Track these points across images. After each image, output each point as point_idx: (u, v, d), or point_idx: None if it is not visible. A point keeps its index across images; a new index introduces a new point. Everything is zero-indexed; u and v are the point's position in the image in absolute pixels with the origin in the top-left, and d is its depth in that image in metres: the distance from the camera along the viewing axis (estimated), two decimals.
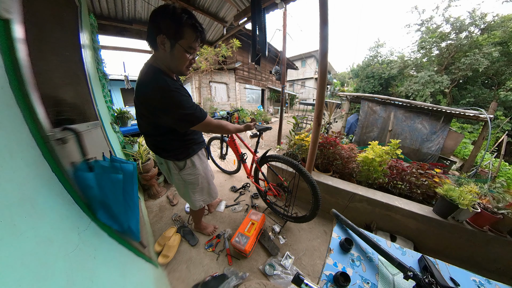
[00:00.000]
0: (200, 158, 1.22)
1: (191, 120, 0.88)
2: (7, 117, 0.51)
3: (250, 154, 1.91)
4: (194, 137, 1.15)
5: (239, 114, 8.92)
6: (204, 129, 0.96)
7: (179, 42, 0.79)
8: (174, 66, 0.88)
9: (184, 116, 0.86)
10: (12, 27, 0.56)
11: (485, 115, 4.14)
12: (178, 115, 0.85)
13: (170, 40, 0.77)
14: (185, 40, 0.79)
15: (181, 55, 0.82)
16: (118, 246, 0.92)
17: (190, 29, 0.78)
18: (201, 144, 1.24)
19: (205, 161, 1.29)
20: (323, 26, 1.41)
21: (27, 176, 0.53)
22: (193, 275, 1.34)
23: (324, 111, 4.55)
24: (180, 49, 0.80)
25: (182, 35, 0.78)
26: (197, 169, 1.19)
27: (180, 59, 0.84)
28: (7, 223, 0.42)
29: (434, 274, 0.66)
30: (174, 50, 0.80)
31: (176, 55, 0.82)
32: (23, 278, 0.41)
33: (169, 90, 0.80)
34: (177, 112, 0.84)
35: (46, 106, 0.67)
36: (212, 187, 1.37)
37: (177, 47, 0.79)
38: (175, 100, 0.82)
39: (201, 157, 1.24)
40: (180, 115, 0.85)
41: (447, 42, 11.76)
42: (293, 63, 15.53)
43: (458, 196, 1.40)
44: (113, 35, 2.61)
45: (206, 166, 1.30)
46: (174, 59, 0.83)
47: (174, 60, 0.84)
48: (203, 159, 1.26)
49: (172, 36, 0.77)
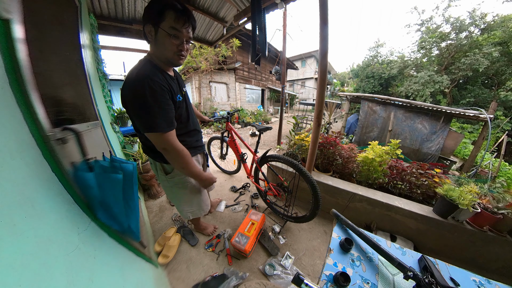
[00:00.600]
0: None
1: (145, 123, 0.78)
2: (7, 117, 0.51)
3: (250, 154, 1.91)
4: (188, 140, 1.05)
5: (239, 114, 8.93)
6: (158, 144, 0.83)
7: (161, 25, 0.75)
8: (161, 55, 0.83)
9: (139, 113, 0.77)
10: (12, 27, 0.56)
11: (485, 115, 4.14)
12: (135, 111, 0.78)
13: (154, 26, 0.75)
14: (165, 22, 0.75)
15: (165, 39, 0.77)
16: (118, 246, 0.92)
17: (170, 10, 0.75)
18: (196, 149, 1.13)
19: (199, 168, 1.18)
20: (323, 26, 1.41)
21: (27, 176, 0.53)
22: (193, 275, 1.34)
23: (324, 111, 4.55)
24: (163, 33, 0.76)
25: (163, 17, 0.74)
26: (186, 176, 1.10)
27: (164, 44, 0.79)
28: (7, 223, 0.42)
29: (434, 274, 0.66)
30: (158, 35, 0.77)
31: (160, 41, 0.78)
32: (23, 278, 0.41)
33: (141, 82, 0.74)
34: (135, 107, 0.77)
35: (46, 106, 0.68)
36: (203, 199, 1.28)
37: (160, 31, 0.76)
38: (141, 93, 0.74)
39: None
40: (137, 111, 0.77)
41: (447, 42, 11.78)
42: (293, 63, 15.53)
43: (458, 196, 1.40)
44: (113, 35, 2.61)
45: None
46: (159, 45, 0.80)
47: (160, 47, 0.80)
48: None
49: (155, 22, 0.75)
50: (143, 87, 0.74)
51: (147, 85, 0.74)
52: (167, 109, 0.81)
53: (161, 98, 0.78)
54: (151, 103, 0.75)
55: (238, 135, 1.92)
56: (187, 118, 1.04)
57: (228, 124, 1.93)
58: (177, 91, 0.92)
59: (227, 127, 1.95)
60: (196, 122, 1.15)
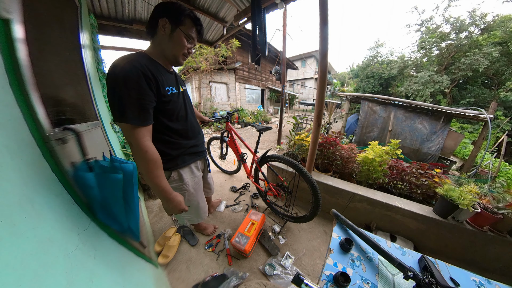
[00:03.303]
0: (192, 171, 1.07)
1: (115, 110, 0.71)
2: (7, 117, 0.51)
3: (250, 154, 1.91)
4: (185, 142, 1.00)
5: (239, 114, 8.93)
6: (126, 136, 0.75)
7: (180, 27, 0.81)
8: (170, 50, 0.85)
9: (111, 99, 0.71)
10: (12, 27, 0.56)
11: (485, 115, 4.14)
12: (108, 96, 0.72)
13: (172, 24, 0.80)
14: (185, 27, 0.82)
15: (180, 40, 0.83)
16: (118, 246, 0.92)
17: (190, 20, 0.83)
18: (197, 156, 1.08)
19: (198, 175, 1.12)
20: (323, 26, 1.41)
21: (27, 176, 0.53)
22: (193, 275, 1.34)
23: (324, 111, 4.55)
24: (180, 34, 0.82)
25: (183, 22, 0.81)
26: (185, 184, 1.04)
27: (179, 44, 0.84)
28: (7, 223, 0.42)
29: (434, 274, 0.66)
30: (174, 33, 0.81)
31: (176, 39, 0.82)
32: (23, 278, 0.41)
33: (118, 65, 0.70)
34: (108, 92, 0.71)
35: (46, 106, 0.68)
36: (201, 206, 1.24)
37: (178, 31, 0.81)
38: (115, 77, 0.69)
39: (194, 171, 1.08)
40: (109, 96, 0.72)
41: (447, 42, 11.77)
42: (293, 63, 15.52)
43: (458, 196, 1.40)
44: (113, 35, 2.61)
45: (200, 181, 1.14)
46: (172, 42, 0.83)
47: (172, 44, 0.84)
48: (196, 173, 1.10)
49: (174, 21, 0.80)
50: (119, 70, 0.69)
51: (123, 69, 0.69)
52: (140, 99, 0.73)
53: (134, 85, 0.71)
54: (123, 88, 0.69)
55: (238, 135, 1.92)
56: (185, 117, 1.00)
57: (228, 124, 1.93)
58: (171, 84, 0.90)
59: (227, 127, 1.95)
60: (196, 125, 1.11)
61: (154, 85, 0.78)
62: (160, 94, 0.81)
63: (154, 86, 0.78)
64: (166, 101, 0.85)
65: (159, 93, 0.81)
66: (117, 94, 0.69)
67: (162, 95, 0.82)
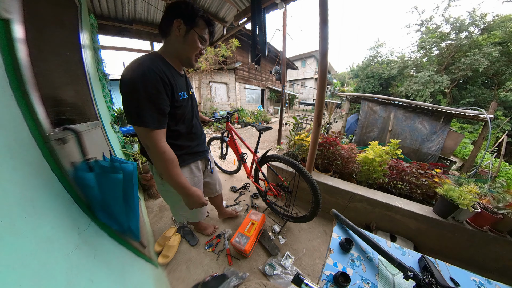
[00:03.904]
0: (191, 171, 1.07)
1: (132, 113, 0.72)
2: (7, 117, 0.51)
3: (250, 154, 1.91)
4: (188, 144, 1.00)
5: (239, 114, 8.94)
6: (142, 139, 0.77)
7: (194, 29, 0.82)
8: (184, 52, 0.86)
9: (127, 103, 0.72)
10: (12, 27, 0.56)
11: (485, 115, 4.14)
12: (123, 100, 0.72)
13: (186, 25, 0.81)
14: (199, 28, 0.83)
15: (194, 41, 0.84)
16: (118, 246, 0.92)
17: (204, 21, 0.84)
18: (197, 155, 1.08)
19: (198, 176, 1.12)
20: (323, 26, 1.41)
21: (27, 176, 0.53)
22: (193, 275, 1.34)
23: (324, 111, 4.55)
24: (195, 35, 0.83)
25: (197, 24, 0.82)
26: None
27: (193, 45, 0.85)
28: (7, 223, 0.42)
29: (434, 274, 0.66)
30: (189, 35, 0.82)
31: (190, 40, 0.83)
32: (23, 278, 0.41)
33: (136, 69, 0.70)
34: (124, 95, 0.71)
35: (46, 106, 0.68)
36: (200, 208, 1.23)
37: (192, 32, 0.82)
38: (132, 80, 0.69)
39: (194, 171, 1.08)
40: (125, 100, 0.72)
41: (447, 42, 11.78)
42: (293, 63, 15.53)
43: (458, 196, 1.40)
44: (113, 35, 2.62)
45: (199, 181, 1.14)
46: (186, 43, 0.84)
47: (186, 45, 0.85)
48: (196, 173, 1.09)
49: (189, 22, 0.81)
50: (137, 74, 0.70)
51: (142, 73, 0.70)
52: (158, 103, 0.74)
53: (153, 90, 0.72)
54: (141, 93, 0.69)
55: (238, 135, 1.92)
56: (191, 120, 1.01)
57: (228, 124, 1.93)
58: (183, 89, 0.91)
59: (227, 127, 1.95)
60: (199, 127, 1.12)
61: (170, 91, 0.80)
62: (174, 99, 0.83)
63: (170, 91, 0.80)
64: (177, 106, 0.86)
65: (173, 99, 0.83)
66: (135, 97, 0.70)
67: (175, 101, 0.84)
